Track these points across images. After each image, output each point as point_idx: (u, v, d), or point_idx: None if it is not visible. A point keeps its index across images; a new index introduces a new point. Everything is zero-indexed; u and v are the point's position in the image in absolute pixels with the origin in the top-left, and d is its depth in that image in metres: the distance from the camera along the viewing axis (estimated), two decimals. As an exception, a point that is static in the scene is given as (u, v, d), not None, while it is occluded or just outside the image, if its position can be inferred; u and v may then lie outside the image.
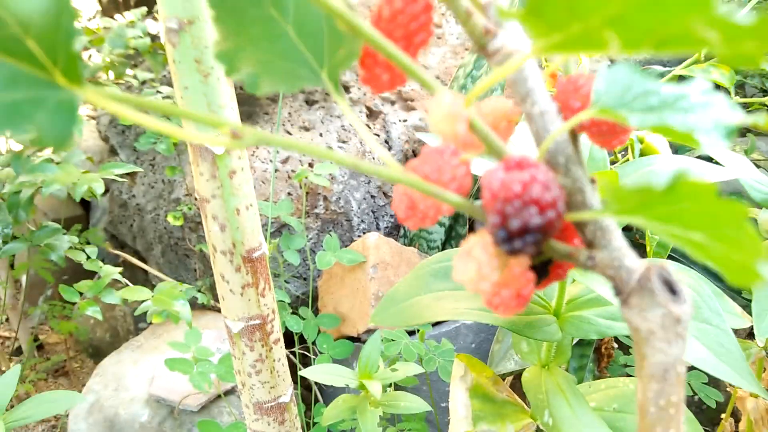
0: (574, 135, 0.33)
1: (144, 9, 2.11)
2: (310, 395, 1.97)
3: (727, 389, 1.47)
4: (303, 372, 1.28)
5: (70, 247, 1.61)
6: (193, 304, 2.10)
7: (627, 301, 0.31)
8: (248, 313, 0.96)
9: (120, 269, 1.63)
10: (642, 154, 1.04)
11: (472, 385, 0.81)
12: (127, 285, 1.73)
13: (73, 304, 2.26)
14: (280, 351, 1.01)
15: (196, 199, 2.07)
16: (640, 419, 0.34)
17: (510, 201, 0.27)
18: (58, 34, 0.25)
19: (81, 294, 1.54)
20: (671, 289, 0.31)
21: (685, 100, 0.29)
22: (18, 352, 2.34)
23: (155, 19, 2.19)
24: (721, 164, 0.98)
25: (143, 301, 1.75)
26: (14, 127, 0.25)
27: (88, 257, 1.57)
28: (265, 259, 0.96)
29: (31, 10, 0.24)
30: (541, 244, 0.27)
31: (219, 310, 2.14)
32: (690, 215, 0.23)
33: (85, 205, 2.64)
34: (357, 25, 0.28)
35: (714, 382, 1.49)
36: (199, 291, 2.09)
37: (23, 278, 2.13)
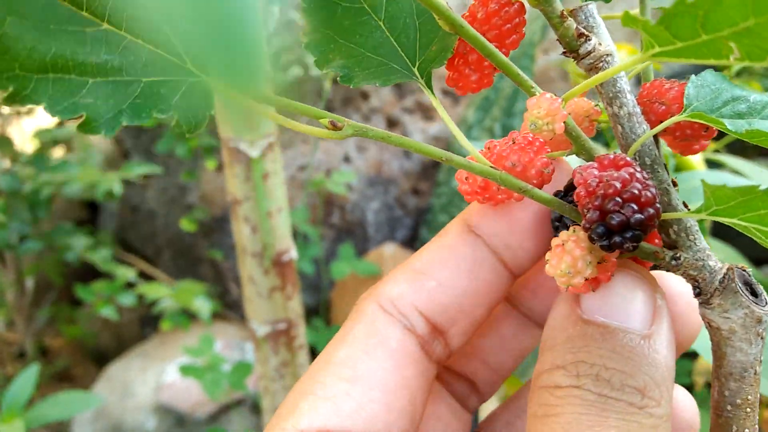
0: (656, 138, 0.35)
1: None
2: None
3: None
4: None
5: (86, 248, 1.63)
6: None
7: (709, 301, 0.32)
8: (274, 316, 0.97)
9: (135, 271, 1.65)
10: (677, 169, 1.06)
11: (504, 395, 0.83)
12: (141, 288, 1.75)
13: (80, 305, 2.28)
14: (304, 357, 1.03)
15: (207, 208, 2.09)
16: (714, 418, 0.35)
17: (611, 197, 0.28)
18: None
19: (97, 295, 1.55)
20: (752, 290, 0.33)
21: (772, 107, 0.31)
22: (22, 356, 2.36)
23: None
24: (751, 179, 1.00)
25: (153, 304, 1.77)
26: (157, 109, 0.27)
27: (104, 259, 1.59)
28: (293, 264, 0.98)
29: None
30: (640, 240, 0.28)
31: (228, 319, 2.15)
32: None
33: (92, 208, 2.66)
34: (460, 24, 0.30)
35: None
36: (210, 298, 2.10)
37: (29, 282, 2.14)
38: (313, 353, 1.97)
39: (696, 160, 1.04)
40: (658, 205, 0.29)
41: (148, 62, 0.28)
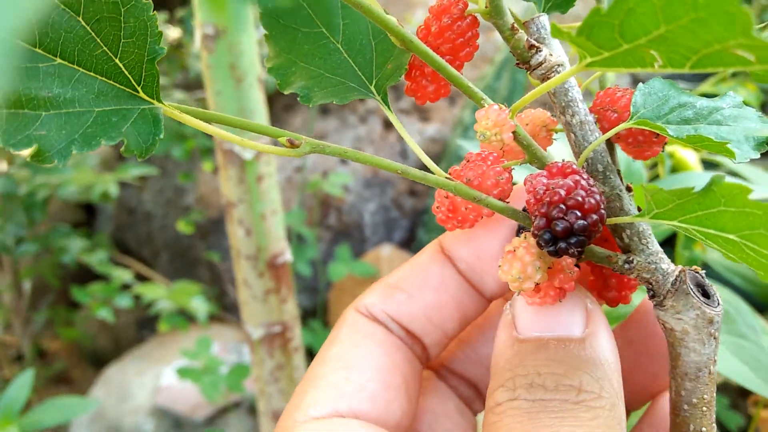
0: (611, 145, 0.36)
1: (164, 15, 2.17)
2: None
3: (749, 412, 1.49)
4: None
5: (82, 251, 1.65)
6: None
7: (662, 303, 0.34)
8: (269, 319, 0.99)
9: (132, 273, 1.67)
10: (673, 170, 1.07)
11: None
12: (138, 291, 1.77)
13: (78, 308, 2.29)
14: (300, 359, 1.04)
15: (208, 207, 2.11)
16: (672, 417, 0.36)
17: (555, 204, 0.29)
18: (143, 54, 0.30)
19: (93, 297, 1.57)
20: (704, 292, 0.34)
21: (719, 112, 0.32)
22: (19, 358, 2.37)
23: (171, 24, 2.25)
24: (750, 182, 1.01)
25: (149, 306, 1.78)
26: (107, 136, 0.29)
27: (100, 261, 1.61)
28: (288, 266, 0.99)
29: (122, 33, 0.29)
30: (584, 245, 0.30)
31: (225, 321, 2.17)
32: (726, 217, 0.26)
33: (90, 211, 2.68)
34: (410, 39, 0.32)
35: (735, 406, 1.51)
36: (207, 300, 2.12)
37: (26, 285, 2.16)
38: (311, 355, 1.98)
39: (692, 160, 1.05)
40: (602, 211, 0.30)
41: (101, 93, 0.30)
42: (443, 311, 0.40)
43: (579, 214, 0.29)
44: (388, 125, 2.12)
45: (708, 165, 1.54)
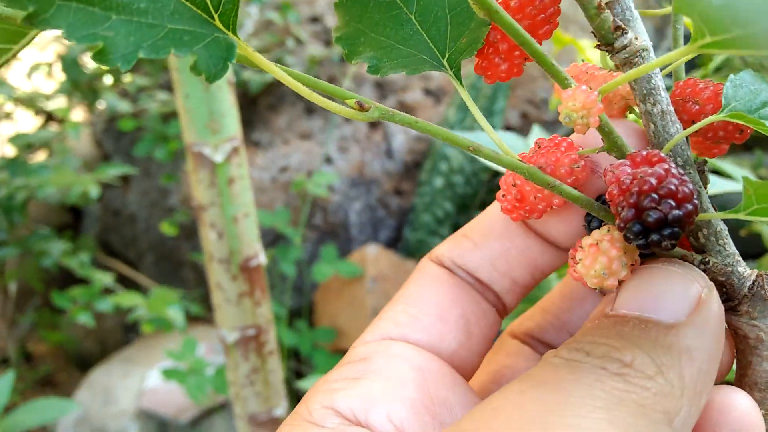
0: (687, 138, 0.32)
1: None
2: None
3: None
4: (302, 382, 1.23)
5: (64, 254, 1.54)
6: (186, 315, 2.03)
7: (737, 308, 0.30)
8: (243, 322, 0.91)
9: (113, 276, 1.56)
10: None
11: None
12: (120, 293, 1.66)
13: (63, 312, 2.18)
14: (275, 362, 0.96)
15: (191, 208, 2.00)
16: None
17: (646, 194, 0.26)
18: None
19: (74, 301, 1.47)
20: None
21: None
22: (5, 361, 2.26)
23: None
24: (734, 179, 0.95)
25: (129, 310, 1.68)
26: (177, 49, 0.27)
27: (82, 264, 1.51)
28: (262, 269, 0.92)
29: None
30: (678, 237, 0.26)
31: (211, 322, 2.06)
32: None
33: (76, 213, 2.57)
34: (495, 10, 0.27)
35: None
36: (192, 301, 2.01)
37: (11, 287, 2.05)
38: (296, 356, 1.88)
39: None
40: (696, 201, 0.26)
41: (175, 11, 0.28)
42: (508, 259, 0.39)
43: (673, 203, 0.26)
44: (373, 124, 2.02)
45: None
